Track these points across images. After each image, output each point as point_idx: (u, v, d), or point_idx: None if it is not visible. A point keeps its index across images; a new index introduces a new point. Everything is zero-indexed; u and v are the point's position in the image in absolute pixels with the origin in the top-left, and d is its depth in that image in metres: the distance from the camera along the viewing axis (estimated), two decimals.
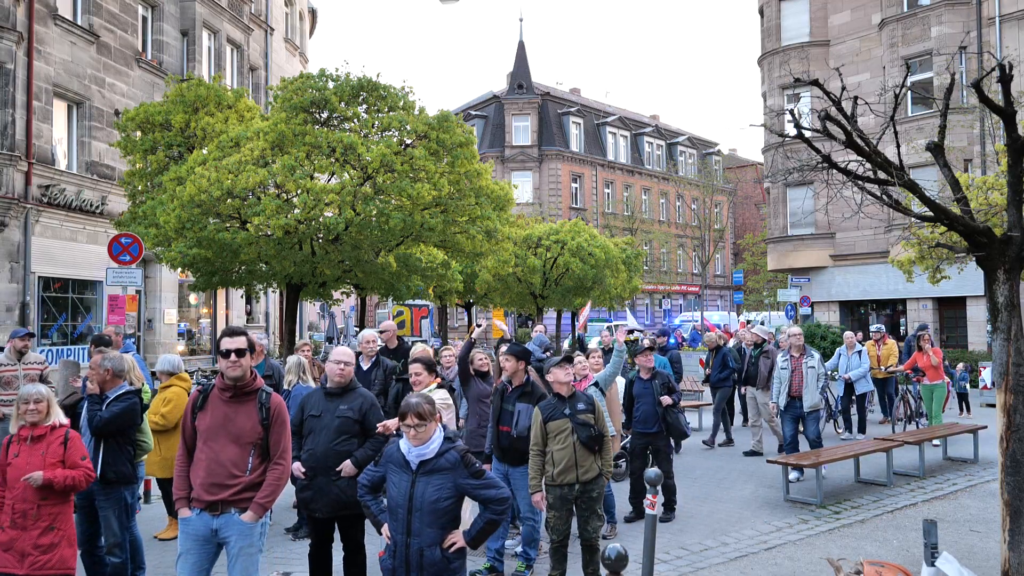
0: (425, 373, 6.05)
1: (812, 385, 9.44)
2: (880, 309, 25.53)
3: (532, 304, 26.02)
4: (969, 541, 6.97)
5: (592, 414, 5.57)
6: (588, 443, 5.44)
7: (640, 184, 48.65)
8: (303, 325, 28.68)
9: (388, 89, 13.07)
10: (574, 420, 5.47)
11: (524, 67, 45.11)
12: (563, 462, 5.43)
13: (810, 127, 5.72)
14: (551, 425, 5.50)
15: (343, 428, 5.10)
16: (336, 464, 5.04)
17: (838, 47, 25.55)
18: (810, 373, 9.48)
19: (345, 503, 5.00)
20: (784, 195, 26.61)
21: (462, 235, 13.63)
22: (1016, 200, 5.08)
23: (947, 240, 9.69)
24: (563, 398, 5.61)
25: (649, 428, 7.85)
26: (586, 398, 5.65)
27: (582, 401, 5.61)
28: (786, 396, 9.56)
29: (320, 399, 5.26)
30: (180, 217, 11.73)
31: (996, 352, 5.24)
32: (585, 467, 5.45)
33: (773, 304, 32.21)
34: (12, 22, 16.61)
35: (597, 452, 5.50)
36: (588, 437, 5.44)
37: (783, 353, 9.88)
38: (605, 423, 5.67)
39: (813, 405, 9.48)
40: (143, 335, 20.84)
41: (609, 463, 5.67)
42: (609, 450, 5.66)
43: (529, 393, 6.12)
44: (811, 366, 9.51)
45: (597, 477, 5.51)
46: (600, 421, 5.59)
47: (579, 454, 5.44)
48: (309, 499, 5.12)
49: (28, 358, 7.88)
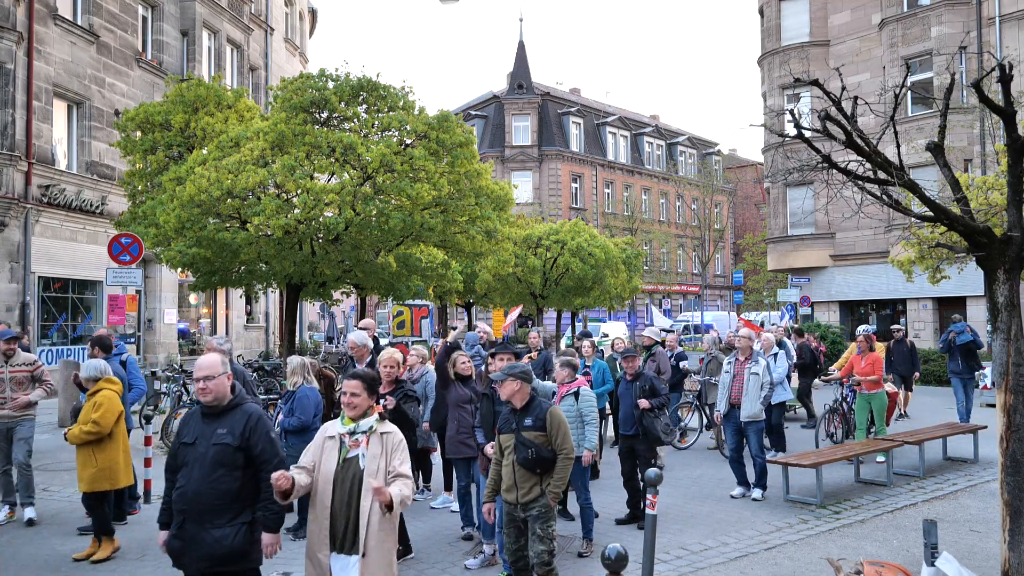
0: (364, 395, 4.17)
1: (753, 393, 8.51)
2: (880, 309, 25.54)
3: (532, 304, 26.01)
4: (969, 541, 6.97)
5: (542, 431, 5.00)
6: (526, 464, 4.97)
7: (640, 184, 48.65)
8: (303, 325, 28.68)
9: (388, 89, 13.06)
10: (518, 436, 5.04)
11: (524, 67, 45.12)
12: (507, 480, 5.07)
13: (810, 127, 5.72)
14: (502, 438, 5.19)
15: (219, 459, 3.98)
16: (212, 506, 3.93)
17: (838, 47, 25.55)
18: (752, 380, 8.58)
19: (222, 557, 3.93)
20: (784, 195, 26.61)
21: (462, 235, 13.62)
22: (1016, 200, 5.08)
23: (947, 240, 9.68)
24: (513, 409, 5.18)
25: (627, 430, 7.65)
26: (538, 412, 5.07)
27: (531, 416, 5.07)
28: (727, 403, 8.80)
29: (197, 421, 4.16)
30: (180, 217, 11.73)
31: (996, 352, 5.24)
32: (525, 488, 5.00)
33: (773, 304, 32.19)
34: (12, 22, 16.61)
35: (540, 474, 5.00)
36: (524, 459, 4.96)
37: (729, 356, 9.20)
38: (564, 441, 5.01)
39: (752, 415, 8.52)
40: (143, 335, 20.85)
41: (557, 486, 5.01)
42: (560, 472, 5.00)
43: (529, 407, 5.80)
44: (754, 372, 8.62)
45: (539, 497, 5.00)
46: (556, 439, 4.99)
47: (518, 474, 5.02)
48: (176, 551, 4.04)
49: (17, 359, 7.56)
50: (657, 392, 7.63)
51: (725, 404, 8.81)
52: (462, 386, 6.95)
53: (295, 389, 7.09)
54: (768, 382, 8.62)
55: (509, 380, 5.12)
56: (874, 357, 10.22)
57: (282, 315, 16.73)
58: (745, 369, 8.70)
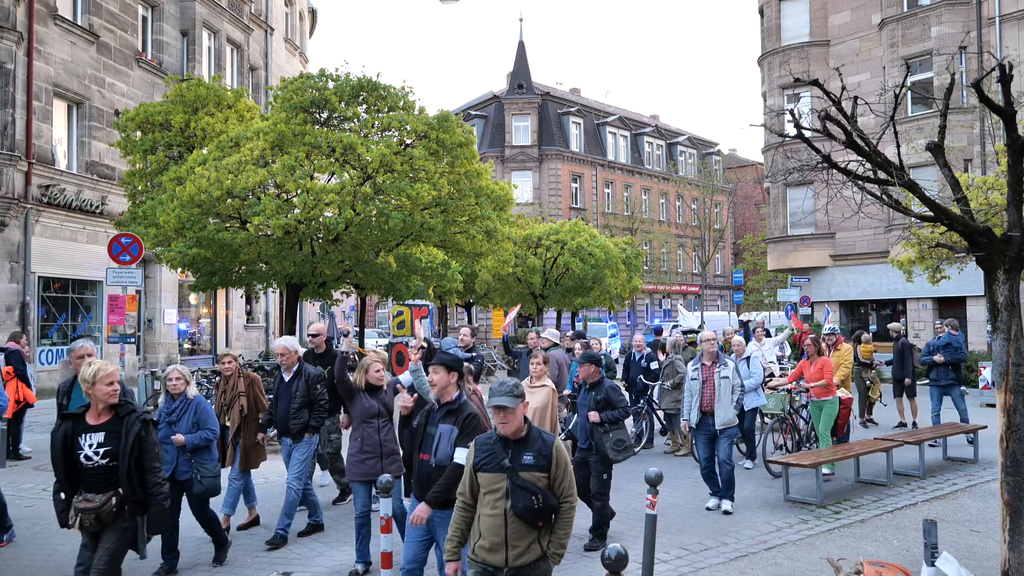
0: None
1: (725, 398, 8.04)
2: (880, 309, 25.55)
3: (532, 304, 26.02)
4: (969, 541, 6.97)
5: (546, 471, 3.78)
6: (527, 516, 3.70)
7: (640, 184, 48.65)
8: (303, 325, 28.68)
9: (388, 89, 13.07)
10: (513, 478, 3.75)
11: (524, 67, 45.13)
12: (490, 534, 3.75)
13: (810, 127, 5.73)
14: (483, 477, 3.84)
15: None
16: None
17: (838, 47, 25.56)
18: (723, 384, 8.08)
19: None
20: (784, 195, 26.62)
21: (462, 235, 13.63)
22: (1016, 200, 5.08)
23: (947, 240, 9.69)
24: (505, 441, 3.86)
25: (583, 443, 7.09)
26: (540, 447, 3.82)
27: (533, 449, 3.81)
28: (698, 412, 8.16)
29: None
30: (180, 217, 11.73)
31: (996, 352, 5.24)
32: (520, 548, 3.73)
33: (773, 304, 32.17)
34: (12, 22, 16.62)
35: (542, 528, 3.77)
36: (527, 508, 3.69)
37: (694, 361, 8.52)
38: (571, 484, 3.85)
39: (727, 422, 8.04)
40: (143, 335, 20.85)
41: (563, 546, 3.83)
42: (567, 525, 3.83)
43: (455, 412, 4.77)
44: (724, 376, 8.11)
45: (539, 560, 3.78)
46: (563, 481, 3.81)
47: (512, 529, 3.72)
48: None
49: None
50: (613, 404, 6.93)
51: (696, 413, 8.16)
52: (369, 397, 6.19)
53: (192, 398, 6.37)
54: (739, 384, 8.25)
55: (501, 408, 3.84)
56: (823, 362, 9.57)
57: (282, 315, 16.72)
58: (714, 374, 8.15)
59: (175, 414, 6.28)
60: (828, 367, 9.54)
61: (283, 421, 7.04)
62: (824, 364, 9.53)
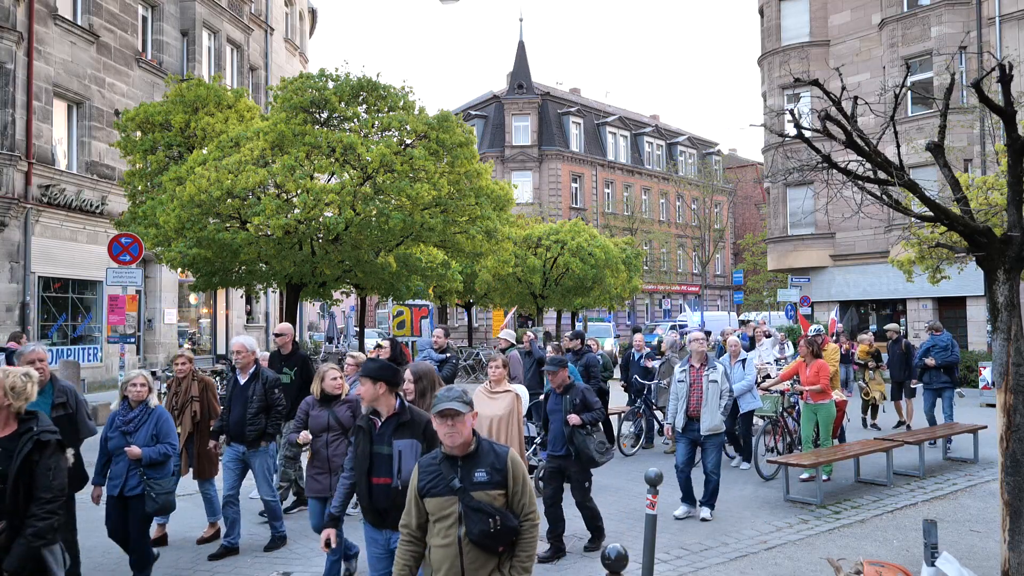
0: None
1: (713, 404, 7.63)
2: (880, 309, 25.56)
3: (532, 304, 26.03)
4: (969, 541, 6.97)
5: (502, 488, 3.34)
6: (483, 542, 3.28)
7: (640, 184, 48.66)
8: (303, 325, 28.69)
9: (388, 89, 13.08)
10: (465, 500, 3.29)
11: (524, 67, 45.13)
12: (445, 568, 3.32)
13: (810, 127, 5.73)
14: (431, 503, 3.37)
15: None
16: None
17: (838, 47, 25.57)
18: (711, 389, 7.66)
19: None
20: (784, 195, 26.63)
21: (462, 235, 13.64)
22: (1016, 200, 5.08)
23: (947, 240, 9.69)
24: (452, 459, 3.38)
25: (557, 450, 6.71)
26: (493, 461, 3.38)
27: (484, 465, 3.36)
28: (683, 416, 7.78)
29: None
30: (180, 217, 11.74)
31: (996, 352, 5.24)
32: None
33: (773, 304, 32.18)
34: (12, 22, 16.62)
35: (503, 553, 3.35)
36: (484, 533, 3.26)
37: (681, 363, 8.10)
38: (531, 500, 3.42)
39: (713, 428, 7.64)
40: (143, 335, 20.86)
41: (524, 567, 3.38)
42: (530, 547, 3.40)
43: (408, 424, 4.16)
44: (713, 380, 7.68)
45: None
46: (521, 497, 3.39)
47: (469, 558, 3.29)
48: None
49: None
50: (590, 406, 6.66)
51: (682, 417, 7.80)
52: (320, 408, 5.80)
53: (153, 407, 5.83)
54: (727, 389, 7.78)
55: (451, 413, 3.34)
56: (819, 364, 9.29)
57: (282, 315, 16.74)
58: (703, 377, 7.74)
59: (133, 423, 5.72)
60: (825, 370, 9.30)
61: (237, 426, 6.54)
62: (820, 367, 9.28)
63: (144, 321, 20.83)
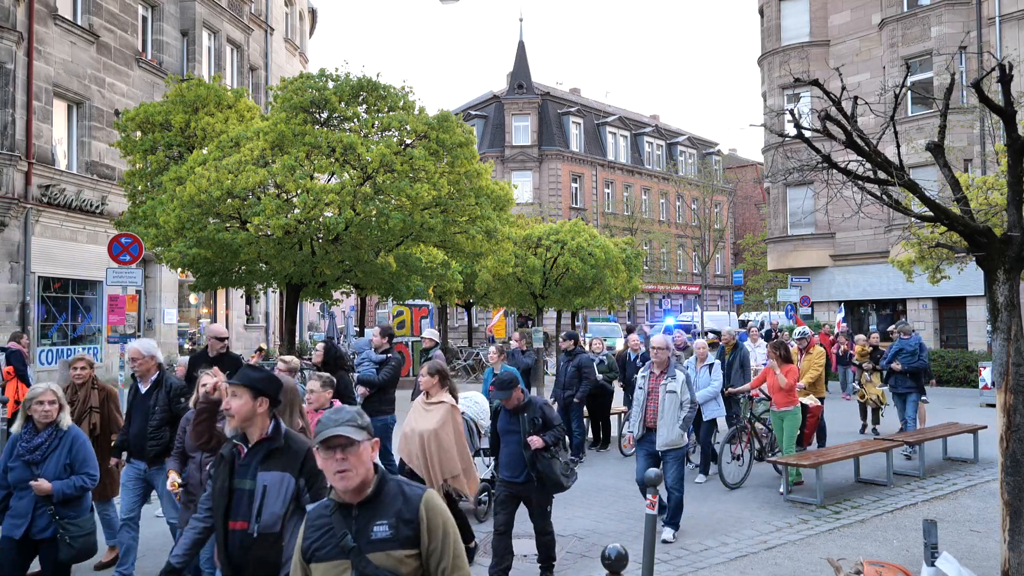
0: None
1: (670, 416, 7.00)
2: (880, 309, 25.56)
3: (532, 304, 26.02)
4: (969, 541, 6.97)
5: (412, 546, 2.54)
6: None
7: (640, 184, 48.66)
8: (303, 325, 28.69)
9: (388, 89, 13.07)
10: (360, 566, 2.50)
11: (524, 67, 45.12)
12: None
13: (810, 127, 5.73)
14: (317, 570, 2.58)
15: None
16: None
17: (838, 47, 25.56)
18: (668, 400, 7.03)
19: None
20: (784, 195, 26.62)
21: (462, 235, 13.63)
22: (1016, 200, 5.08)
23: (947, 240, 9.69)
24: (345, 507, 2.58)
25: (516, 476, 5.77)
26: (406, 501, 2.58)
27: (388, 515, 2.55)
28: (641, 426, 7.19)
29: None
30: (180, 217, 11.74)
31: (996, 352, 5.24)
32: None
33: (773, 304, 32.19)
34: (12, 22, 16.62)
35: None
36: None
37: (644, 369, 7.51)
38: (456, 559, 2.57)
39: (670, 443, 7.00)
40: (143, 335, 20.86)
41: None
42: None
43: (280, 452, 3.34)
44: (671, 390, 7.04)
45: None
46: (441, 559, 2.55)
47: None
48: None
49: None
50: (550, 423, 5.82)
51: (639, 427, 7.19)
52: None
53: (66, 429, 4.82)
54: (688, 400, 7.10)
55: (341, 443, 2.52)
56: (789, 368, 8.96)
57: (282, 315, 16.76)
58: (660, 386, 7.11)
59: (40, 451, 4.67)
60: (793, 375, 8.98)
61: (137, 440, 5.78)
62: (790, 372, 8.94)
63: (144, 321, 20.82)
